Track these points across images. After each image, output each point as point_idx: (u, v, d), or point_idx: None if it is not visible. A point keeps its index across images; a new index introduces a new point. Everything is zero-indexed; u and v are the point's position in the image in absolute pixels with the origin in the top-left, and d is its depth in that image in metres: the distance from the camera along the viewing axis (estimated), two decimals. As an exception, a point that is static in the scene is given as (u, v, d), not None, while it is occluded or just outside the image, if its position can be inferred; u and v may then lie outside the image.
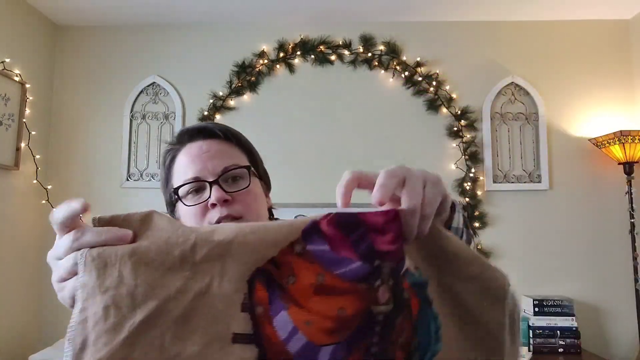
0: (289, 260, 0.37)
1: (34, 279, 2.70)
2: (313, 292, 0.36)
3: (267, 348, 0.35)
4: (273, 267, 0.37)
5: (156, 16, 2.80)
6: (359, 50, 2.80)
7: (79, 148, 2.84)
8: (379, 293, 0.37)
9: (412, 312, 0.39)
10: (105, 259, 0.37)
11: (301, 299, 0.36)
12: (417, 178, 0.42)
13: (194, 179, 0.72)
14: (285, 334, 0.35)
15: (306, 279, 0.36)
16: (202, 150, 0.74)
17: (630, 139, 2.37)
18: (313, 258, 0.37)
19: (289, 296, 0.36)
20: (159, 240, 0.38)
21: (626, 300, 2.58)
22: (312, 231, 0.37)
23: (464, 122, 2.72)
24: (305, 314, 0.36)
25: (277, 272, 0.37)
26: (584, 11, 2.70)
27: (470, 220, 2.66)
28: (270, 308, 0.36)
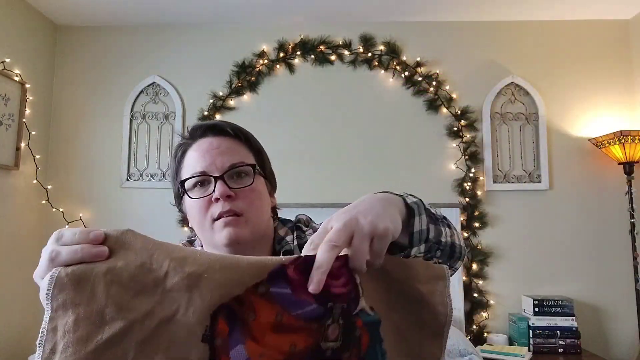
0: (252, 300, 0.39)
1: (34, 279, 2.70)
2: (270, 329, 0.39)
3: None
4: (236, 304, 0.39)
5: (156, 16, 2.80)
6: (359, 50, 2.80)
7: (79, 148, 2.84)
8: (329, 331, 0.41)
9: (361, 348, 0.43)
10: (79, 274, 0.39)
11: (258, 334, 0.39)
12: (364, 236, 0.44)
13: (201, 172, 0.75)
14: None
15: (265, 317, 0.39)
16: (212, 146, 0.77)
17: (630, 139, 2.37)
18: (274, 300, 0.40)
19: (247, 331, 0.39)
20: (133, 263, 0.39)
21: (626, 300, 2.58)
22: (278, 274, 0.40)
23: (464, 122, 2.72)
24: (260, 348, 0.39)
25: (240, 308, 0.39)
26: (584, 11, 2.70)
27: (470, 221, 2.66)
28: (228, 340, 0.39)
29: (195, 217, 0.76)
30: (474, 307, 2.60)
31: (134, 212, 2.77)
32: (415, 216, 0.56)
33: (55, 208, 2.75)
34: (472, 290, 2.61)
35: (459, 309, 2.48)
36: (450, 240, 0.64)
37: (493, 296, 2.63)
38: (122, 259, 0.40)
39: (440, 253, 0.62)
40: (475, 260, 2.63)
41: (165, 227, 2.73)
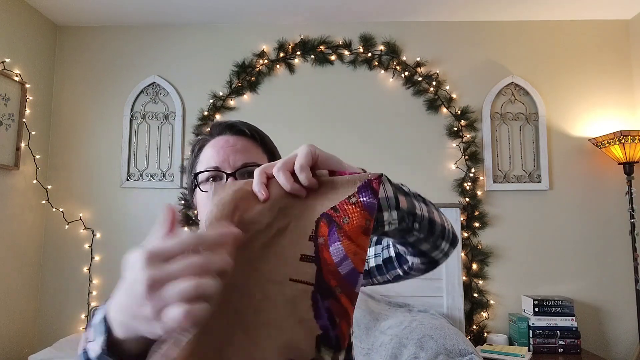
0: (346, 207, 0.49)
1: (33, 279, 2.70)
2: (361, 232, 0.48)
3: (323, 267, 0.47)
4: (333, 211, 0.49)
5: (156, 16, 2.80)
6: (359, 50, 2.80)
7: (79, 148, 2.84)
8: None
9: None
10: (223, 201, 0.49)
11: (352, 235, 0.47)
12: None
13: (215, 168, 0.78)
14: (338, 259, 0.47)
15: (357, 221, 0.48)
16: (229, 144, 0.80)
17: (630, 139, 2.37)
18: (364, 208, 0.48)
19: (343, 232, 0.48)
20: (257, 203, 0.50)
21: (626, 301, 2.58)
22: (365, 188, 0.49)
23: (464, 122, 2.72)
24: (353, 247, 0.47)
25: (336, 214, 0.48)
26: (584, 11, 2.70)
27: (470, 221, 2.66)
28: (328, 239, 0.48)
29: (203, 211, 0.78)
30: (474, 307, 2.61)
31: (134, 212, 2.77)
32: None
33: (55, 208, 2.75)
34: (472, 290, 2.61)
35: (459, 309, 2.48)
36: (427, 215, 0.64)
37: (493, 296, 2.63)
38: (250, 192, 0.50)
39: (418, 225, 0.63)
40: (475, 260, 2.63)
41: (165, 227, 2.73)
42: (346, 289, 0.46)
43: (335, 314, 0.45)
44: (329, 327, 0.45)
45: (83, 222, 2.76)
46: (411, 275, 0.79)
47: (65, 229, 2.75)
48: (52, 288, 2.74)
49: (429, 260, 0.72)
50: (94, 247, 2.74)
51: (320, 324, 0.45)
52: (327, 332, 0.45)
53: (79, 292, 2.72)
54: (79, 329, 2.70)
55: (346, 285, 0.46)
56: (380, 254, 0.79)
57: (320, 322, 0.45)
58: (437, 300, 2.50)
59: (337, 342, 0.45)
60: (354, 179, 0.50)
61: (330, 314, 0.45)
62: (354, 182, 0.50)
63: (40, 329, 2.72)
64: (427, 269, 0.76)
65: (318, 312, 0.45)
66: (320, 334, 0.45)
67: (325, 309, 0.45)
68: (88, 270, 2.72)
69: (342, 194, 0.49)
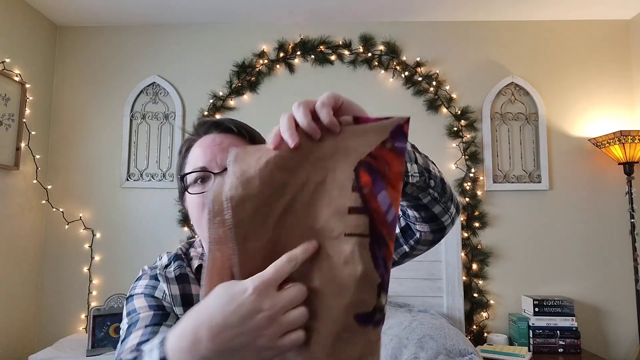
0: (383, 154, 0.47)
1: (33, 279, 2.70)
2: (400, 179, 0.47)
3: (374, 217, 0.46)
4: (372, 159, 0.47)
5: (156, 16, 2.80)
6: (359, 50, 2.80)
7: (79, 148, 2.84)
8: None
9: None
10: (247, 176, 0.48)
11: (394, 182, 0.47)
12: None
13: (202, 168, 0.75)
14: (385, 207, 0.46)
15: (396, 167, 0.47)
16: (215, 142, 0.77)
17: (630, 139, 2.37)
18: (399, 153, 0.48)
19: (386, 180, 0.47)
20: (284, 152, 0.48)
21: (626, 301, 2.58)
22: (397, 132, 0.48)
23: (464, 122, 2.72)
24: (396, 194, 0.47)
25: (375, 162, 0.47)
26: (584, 11, 2.70)
27: (470, 221, 2.66)
28: (373, 189, 0.46)
29: (193, 213, 0.75)
30: (474, 307, 2.61)
31: (134, 212, 2.77)
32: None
33: (55, 208, 2.75)
34: (472, 290, 2.61)
35: (459, 309, 2.48)
36: (439, 175, 0.66)
37: (493, 296, 2.63)
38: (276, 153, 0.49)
39: (433, 183, 0.64)
40: (475, 260, 2.63)
41: (165, 227, 2.73)
42: (392, 235, 0.47)
43: (387, 260, 0.46)
44: (384, 274, 0.46)
45: (83, 222, 2.76)
46: (417, 251, 0.79)
47: (65, 229, 2.75)
48: (52, 288, 2.74)
49: (438, 227, 0.73)
50: (94, 247, 2.74)
51: (380, 272, 0.46)
52: (384, 279, 0.46)
53: (79, 292, 2.72)
54: (79, 329, 2.70)
55: (391, 232, 0.47)
56: None
57: (380, 271, 0.46)
58: (437, 300, 2.50)
59: (388, 283, 0.47)
60: (384, 125, 0.48)
61: (384, 261, 0.46)
62: (386, 128, 0.48)
63: (40, 329, 2.72)
64: (433, 240, 0.77)
65: (377, 262, 0.46)
66: (379, 282, 0.46)
67: (381, 258, 0.46)
68: (88, 270, 2.72)
69: (375, 140, 0.48)
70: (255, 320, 0.43)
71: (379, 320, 0.47)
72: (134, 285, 0.79)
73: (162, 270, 0.77)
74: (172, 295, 0.73)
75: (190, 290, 0.75)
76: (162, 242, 2.72)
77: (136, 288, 0.77)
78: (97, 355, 2.24)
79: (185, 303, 0.73)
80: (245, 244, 0.48)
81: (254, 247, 0.48)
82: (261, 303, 0.43)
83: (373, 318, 0.46)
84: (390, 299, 2.46)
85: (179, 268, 0.77)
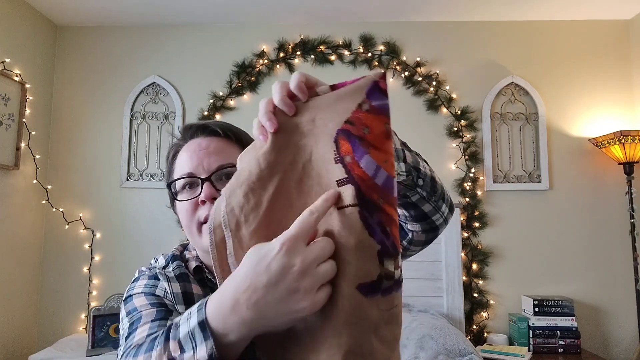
0: (360, 117, 0.46)
1: (34, 279, 2.70)
2: (384, 137, 0.46)
3: (360, 184, 0.45)
4: (349, 125, 0.46)
5: (156, 16, 2.80)
6: (359, 50, 2.80)
7: (79, 148, 2.84)
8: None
9: None
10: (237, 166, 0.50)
11: (377, 143, 0.46)
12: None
13: (189, 174, 0.74)
14: (372, 171, 0.45)
15: (377, 128, 0.46)
16: (201, 147, 0.75)
17: (630, 139, 2.37)
18: (379, 111, 0.46)
19: (367, 143, 0.46)
20: (269, 137, 0.50)
21: (626, 301, 2.58)
22: (374, 90, 0.46)
23: (464, 122, 2.72)
24: (382, 155, 0.45)
25: (354, 127, 0.46)
26: (584, 11, 2.70)
27: (470, 221, 2.66)
28: (355, 155, 0.46)
29: (183, 220, 0.74)
30: (474, 307, 2.61)
31: (134, 212, 2.77)
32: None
33: (55, 208, 2.75)
34: (472, 290, 2.61)
35: (459, 309, 2.48)
36: (429, 173, 0.66)
37: (493, 296, 2.63)
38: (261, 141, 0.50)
39: (422, 182, 0.63)
40: (475, 260, 2.63)
41: (165, 227, 2.73)
42: (387, 197, 0.45)
43: (385, 224, 0.45)
44: (384, 239, 0.45)
45: (83, 222, 2.76)
46: (410, 251, 0.78)
47: (65, 229, 2.75)
48: (52, 288, 2.74)
49: (430, 226, 0.72)
50: (94, 247, 2.74)
51: (377, 239, 0.45)
52: (384, 244, 0.45)
53: (79, 292, 2.72)
54: (79, 329, 2.70)
55: (386, 194, 0.45)
56: None
57: (377, 238, 0.45)
58: (437, 300, 2.50)
59: (394, 248, 0.46)
60: (359, 86, 0.47)
61: (382, 227, 0.45)
62: (360, 89, 0.47)
63: (40, 329, 2.72)
64: (426, 240, 0.76)
65: (371, 229, 0.45)
66: (379, 249, 0.45)
67: (377, 223, 0.45)
68: (88, 270, 2.72)
69: (351, 104, 0.47)
70: (289, 276, 0.43)
71: (389, 288, 0.46)
72: (131, 286, 0.78)
73: (162, 270, 0.77)
74: (174, 293, 0.72)
75: (191, 289, 0.74)
76: (162, 242, 2.72)
77: (134, 288, 0.76)
78: (97, 355, 2.24)
79: (187, 301, 0.72)
80: (238, 230, 0.49)
81: (247, 232, 0.48)
82: (291, 259, 0.44)
83: (380, 287, 0.45)
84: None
85: (178, 268, 0.77)
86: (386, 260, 0.45)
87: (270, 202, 0.49)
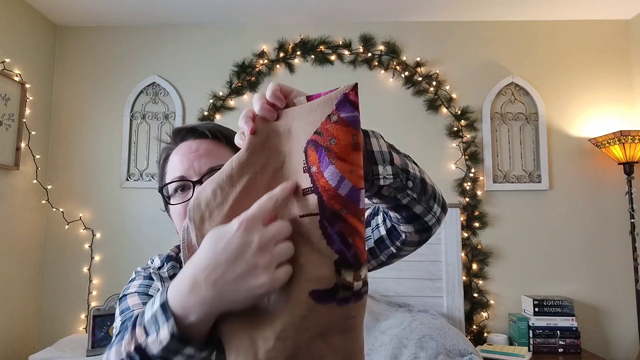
0: (328, 128, 0.47)
1: (34, 279, 2.70)
2: (350, 149, 0.47)
3: (323, 194, 0.46)
4: (318, 136, 0.48)
5: (156, 16, 2.80)
6: (359, 50, 2.80)
7: (79, 148, 2.84)
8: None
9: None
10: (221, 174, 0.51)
11: (343, 154, 0.46)
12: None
13: (180, 177, 0.74)
14: (335, 182, 0.46)
15: (344, 139, 0.47)
16: (191, 149, 0.76)
17: (630, 139, 2.37)
18: (346, 123, 0.47)
19: (333, 154, 0.47)
20: (247, 139, 0.51)
21: (626, 301, 2.58)
22: (344, 102, 0.47)
23: (464, 122, 2.72)
24: (347, 166, 0.46)
25: (321, 138, 0.47)
26: (584, 11, 2.70)
27: (470, 221, 2.66)
28: (320, 165, 0.47)
29: (176, 223, 0.75)
30: (474, 307, 2.61)
31: (134, 212, 2.77)
32: (370, 137, 0.57)
33: (55, 208, 2.75)
34: (472, 290, 2.62)
35: (459, 309, 2.48)
36: (419, 175, 0.65)
37: (493, 296, 2.63)
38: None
39: (411, 184, 0.63)
40: (475, 260, 2.63)
41: (165, 227, 2.73)
42: (350, 208, 0.46)
43: (346, 234, 0.46)
44: (343, 249, 0.46)
45: (83, 222, 2.76)
46: (404, 252, 0.78)
47: (65, 229, 2.75)
48: (52, 288, 2.74)
49: (422, 227, 0.72)
50: (94, 247, 2.74)
51: (335, 248, 0.46)
52: (344, 254, 0.46)
53: (79, 292, 2.72)
54: (79, 329, 2.70)
55: (350, 205, 0.46)
56: (371, 236, 0.77)
57: (335, 247, 0.46)
58: (437, 300, 2.50)
59: (356, 259, 0.46)
60: (329, 97, 0.48)
61: (342, 237, 0.46)
62: (330, 100, 0.48)
63: (40, 329, 2.72)
64: (420, 240, 0.76)
65: (330, 238, 0.46)
66: (337, 258, 0.46)
67: (336, 233, 0.46)
68: (88, 270, 2.72)
69: (321, 116, 0.48)
70: (248, 252, 0.45)
71: (346, 299, 0.46)
72: (127, 286, 0.79)
73: (156, 270, 0.78)
74: None
75: None
76: (161, 242, 2.72)
77: (129, 288, 0.78)
78: (97, 355, 2.25)
79: None
80: (202, 224, 0.50)
81: (209, 227, 0.50)
82: (249, 236, 0.45)
83: (335, 295, 0.46)
84: (390, 298, 2.46)
85: (173, 269, 0.78)
86: (344, 270, 0.46)
87: (236, 200, 0.50)
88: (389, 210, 0.70)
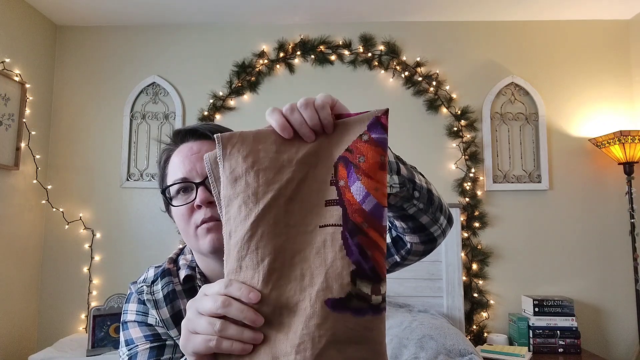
0: (359, 146, 0.51)
1: (33, 279, 2.70)
2: (378, 167, 0.50)
3: (348, 207, 0.49)
4: (348, 153, 0.51)
5: (156, 16, 2.80)
6: (359, 50, 2.80)
7: (79, 148, 2.84)
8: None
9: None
10: (235, 175, 0.52)
11: (370, 172, 0.49)
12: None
13: (182, 179, 0.74)
14: (360, 197, 0.49)
15: (372, 158, 0.50)
16: (192, 151, 0.75)
17: (630, 139, 2.37)
18: (377, 144, 0.50)
19: (361, 171, 0.50)
20: (270, 151, 0.52)
21: (626, 301, 2.58)
22: (375, 124, 0.51)
23: (464, 122, 2.72)
24: (373, 183, 0.49)
25: (351, 155, 0.51)
26: (584, 11, 2.70)
27: (470, 221, 2.66)
28: (348, 181, 0.50)
29: (179, 224, 0.75)
30: (474, 307, 2.61)
31: (134, 212, 2.77)
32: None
33: (55, 208, 2.75)
34: (472, 290, 2.62)
35: (459, 309, 2.48)
36: (426, 186, 0.66)
37: (493, 296, 2.63)
38: (262, 150, 0.52)
39: (418, 194, 0.64)
40: (475, 260, 2.63)
41: (165, 227, 2.73)
42: (373, 223, 0.48)
43: (366, 247, 0.48)
44: (361, 260, 0.47)
45: (83, 222, 2.76)
46: (408, 261, 0.79)
47: (65, 229, 2.75)
48: (52, 288, 2.74)
49: (428, 238, 0.72)
50: (94, 247, 2.74)
51: (353, 259, 0.47)
52: (361, 266, 0.47)
53: (79, 292, 2.72)
54: (79, 329, 2.70)
55: (372, 220, 0.48)
56: None
57: (353, 258, 0.47)
58: (437, 300, 2.50)
59: (374, 272, 0.48)
60: (362, 118, 0.52)
61: (360, 249, 0.48)
62: (363, 121, 0.51)
63: (40, 329, 2.72)
64: (425, 251, 0.76)
65: (349, 249, 0.48)
66: (353, 269, 0.47)
67: (355, 245, 0.48)
68: (88, 270, 2.72)
69: (353, 135, 0.51)
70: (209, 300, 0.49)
71: (362, 310, 0.47)
72: (125, 308, 0.79)
73: (149, 290, 0.77)
74: (163, 319, 0.75)
75: (179, 306, 0.76)
76: (162, 242, 2.72)
77: (128, 314, 0.78)
78: (97, 355, 2.25)
79: (176, 323, 0.74)
80: (230, 239, 0.52)
81: (235, 242, 0.51)
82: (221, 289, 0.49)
83: (349, 305, 0.46)
84: (391, 299, 2.46)
85: (167, 286, 0.77)
86: (360, 281, 0.47)
87: (258, 217, 0.51)
88: (395, 220, 0.71)
